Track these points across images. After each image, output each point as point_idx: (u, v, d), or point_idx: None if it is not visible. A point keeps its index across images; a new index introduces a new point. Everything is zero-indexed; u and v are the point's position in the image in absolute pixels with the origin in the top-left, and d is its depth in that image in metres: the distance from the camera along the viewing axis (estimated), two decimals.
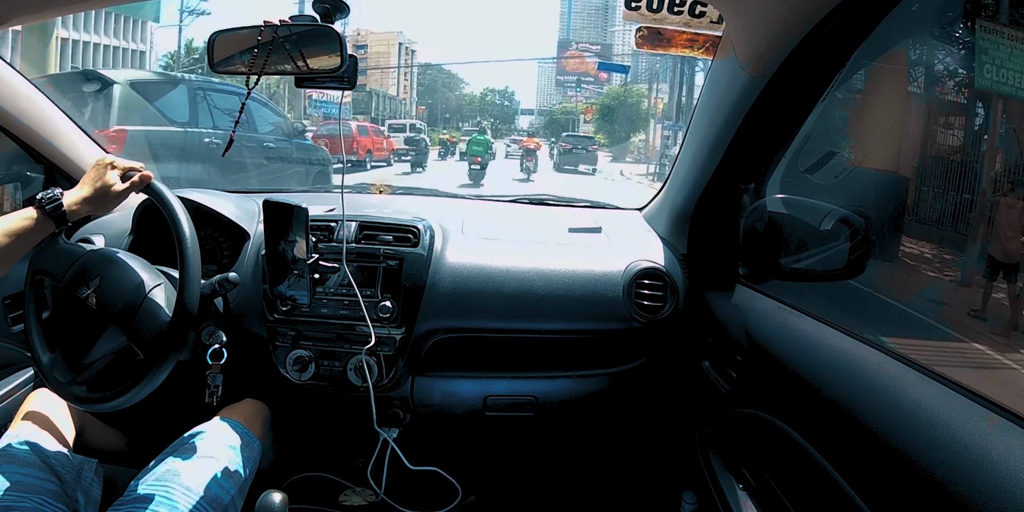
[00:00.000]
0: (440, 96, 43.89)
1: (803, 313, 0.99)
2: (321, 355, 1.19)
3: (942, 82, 1.23)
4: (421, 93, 43.09)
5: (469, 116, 45.70)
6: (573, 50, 53.88)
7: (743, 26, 0.94)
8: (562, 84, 54.60)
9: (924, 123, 1.27)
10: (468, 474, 1.39)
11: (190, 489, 0.89)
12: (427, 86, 43.79)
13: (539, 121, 51.70)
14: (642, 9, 1.07)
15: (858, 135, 1.39)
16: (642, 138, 28.24)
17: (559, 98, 55.05)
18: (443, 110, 43.93)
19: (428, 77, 44.37)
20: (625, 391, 1.28)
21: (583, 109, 43.18)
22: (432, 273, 1.20)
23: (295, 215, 1.02)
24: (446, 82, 45.44)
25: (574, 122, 42.51)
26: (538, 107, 61.14)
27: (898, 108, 1.30)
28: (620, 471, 1.51)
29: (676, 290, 1.23)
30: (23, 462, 0.88)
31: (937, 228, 1.21)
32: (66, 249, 1.00)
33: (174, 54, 25.38)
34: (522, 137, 18.90)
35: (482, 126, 16.17)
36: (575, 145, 14.86)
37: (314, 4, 0.94)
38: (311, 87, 1.01)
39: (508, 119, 50.77)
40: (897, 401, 0.69)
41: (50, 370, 0.95)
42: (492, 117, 47.92)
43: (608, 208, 1.63)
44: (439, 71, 45.60)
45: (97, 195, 0.94)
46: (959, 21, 1.05)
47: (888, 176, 1.26)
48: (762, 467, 0.98)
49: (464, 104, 46.64)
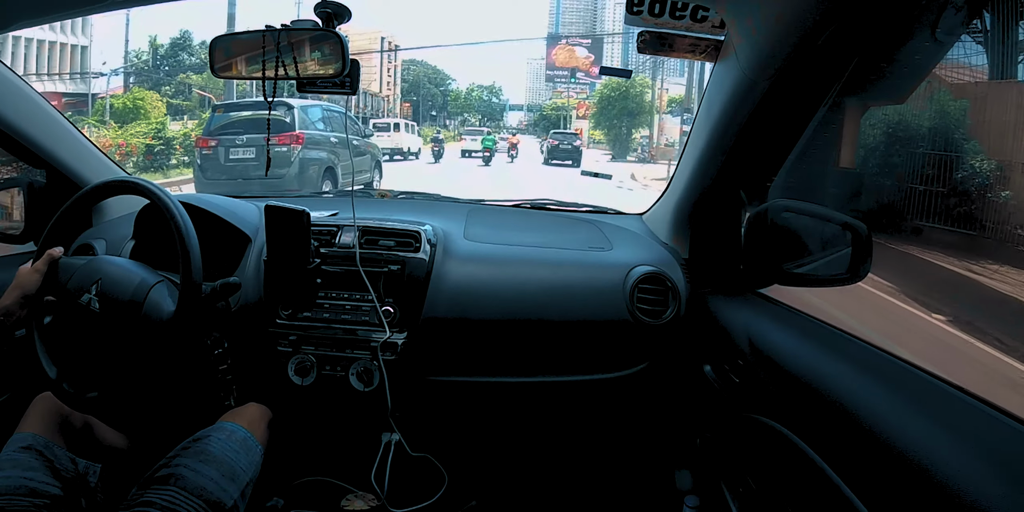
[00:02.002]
0: (425, 92, 41.91)
1: (805, 317, 0.98)
2: (323, 360, 1.19)
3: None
4: (406, 90, 40.96)
5: (455, 113, 44.04)
6: (563, 45, 51.76)
7: (745, 30, 0.94)
8: (552, 79, 51.98)
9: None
10: (470, 477, 1.39)
11: (193, 493, 0.89)
12: (412, 82, 41.34)
13: (528, 118, 49.92)
14: (644, 14, 1.06)
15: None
16: (644, 134, 26.10)
17: (549, 94, 52.75)
18: (429, 107, 42.01)
19: (412, 73, 41.87)
20: (627, 395, 1.28)
21: (574, 104, 41.46)
22: (434, 278, 1.20)
23: (297, 220, 1.02)
24: (432, 78, 43.24)
25: (565, 118, 40.64)
26: (527, 103, 59.32)
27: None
28: (622, 475, 1.51)
29: (678, 294, 1.23)
30: (27, 466, 0.89)
31: None
32: (62, 264, 1.00)
33: (139, 52, 23.80)
34: (509, 134, 25.25)
35: (486, 133, 20.04)
36: (561, 141, 17.23)
37: (316, 9, 0.94)
38: (313, 91, 1.01)
39: (495, 116, 48.45)
40: (901, 406, 0.69)
41: (60, 384, 0.95)
42: (479, 114, 46.04)
43: (610, 213, 1.62)
44: (424, 67, 43.17)
45: (20, 299, 0.95)
46: (963, 23, 1.04)
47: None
48: (764, 472, 0.97)
49: (450, 100, 44.28)
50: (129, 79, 22.24)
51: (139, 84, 21.47)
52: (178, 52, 25.19)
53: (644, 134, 26.08)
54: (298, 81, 0.97)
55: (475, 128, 27.75)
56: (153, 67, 24.06)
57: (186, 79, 23.36)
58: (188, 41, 25.17)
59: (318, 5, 0.93)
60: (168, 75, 23.90)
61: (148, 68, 23.61)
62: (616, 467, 1.51)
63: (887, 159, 1.53)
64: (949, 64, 1.19)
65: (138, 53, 23.79)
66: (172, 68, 24.60)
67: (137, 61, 23.58)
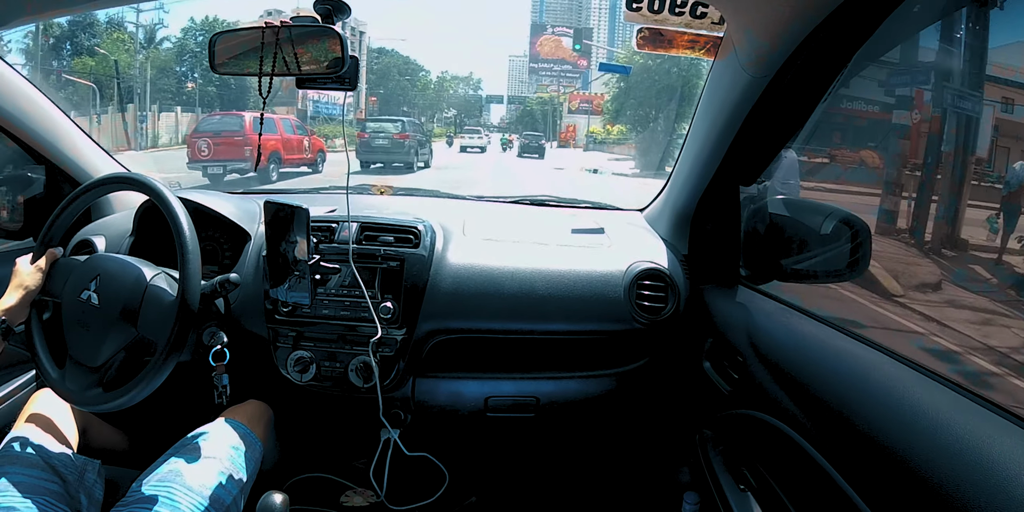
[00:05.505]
0: (395, 85, 37.29)
1: (804, 314, 0.99)
2: (322, 356, 1.19)
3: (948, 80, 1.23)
4: (373, 82, 36.25)
5: (424, 106, 39.43)
6: (548, 35, 48.30)
7: (744, 27, 0.94)
8: (536, 72, 48.69)
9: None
10: (469, 474, 1.40)
11: (192, 490, 0.89)
12: (380, 74, 36.51)
13: (510, 115, 46.54)
14: (643, 10, 1.06)
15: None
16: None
17: (533, 87, 48.89)
18: (399, 102, 37.29)
19: (382, 63, 37.07)
20: (626, 392, 1.28)
21: (565, 98, 37.24)
22: (433, 274, 1.20)
23: (296, 216, 1.02)
24: (403, 69, 38.39)
25: (554, 113, 36.70)
26: (509, 93, 55.56)
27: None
28: (621, 472, 1.51)
29: (677, 291, 1.23)
30: (26, 463, 0.89)
31: None
32: (62, 264, 1.01)
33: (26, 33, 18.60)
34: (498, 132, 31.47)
35: (505, 137, 26.03)
36: (530, 141, 23.70)
37: (315, 5, 0.94)
38: (312, 88, 1.01)
39: (473, 112, 44.06)
40: (898, 402, 0.69)
41: (62, 382, 0.95)
42: (455, 109, 42.31)
43: (609, 209, 1.62)
44: (394, 57, 38.34)
45: (25, 299, 0.96)
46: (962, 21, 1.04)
47: None
48: (763, 468, 0.98)
49: (417, 91, 39.21)
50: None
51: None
52: (77, 32, 21.91)
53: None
54: (297, 78, 0.97)
55: (473, 128, 30.61)
56: (46, 50, 20.29)
57: (80, 66, 19.90)
58: (90, 17, 21.62)
59: (318, 1, 0.93)
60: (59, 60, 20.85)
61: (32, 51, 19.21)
62: (616, 463, 1.52)
63: None
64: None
65: (26, 35, 19.14)
66: (70, 51, 21.62)
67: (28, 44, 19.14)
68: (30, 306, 0.99)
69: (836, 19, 0.82)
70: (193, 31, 24.77)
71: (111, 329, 0.93)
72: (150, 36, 23.76)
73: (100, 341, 0.93)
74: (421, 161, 14.14)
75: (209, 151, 9.28)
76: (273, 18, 0.96)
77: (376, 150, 12.95)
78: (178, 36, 24.91)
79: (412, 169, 13.45)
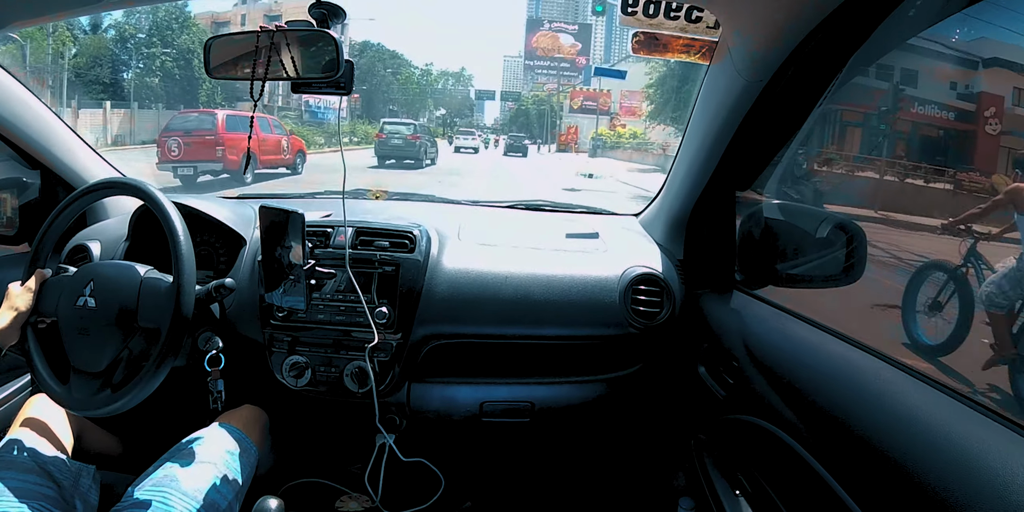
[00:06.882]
0: (380, 81, 34.70)
1: (799, 319, 0.99)
2: (317, 361, 1.19)
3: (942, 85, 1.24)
4: (358, 78, 33.18)
5: (406, 104, 36.46)
6: (545, 30, 45.75)
7: (739, 31, 0.94)
8: (532, 69, 46.02)
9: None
10: (464, 479, 1.39)
11: (188, 494, 0.88)
12: (365, 70, 33.83)
13: (504, 116, 44.15)
14: (638, 14, 1.07)
15: None
16: None
17: (529, 86, 45.81)
18: (386, 100, 34.88)
19: (367, 57, 34.43)
20: (621, 397, 1.28)
21: (565, 95, 34.60)
22: (428, 279, 1.20)
23: (291, 221, 1.02)
24: (389, 63, 35.71)
25: (551, 113, 34.36)
26: (503, 89, 51.50)
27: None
28: (616, 477, 1.51)
29: (672, 296, 1.23)
30: (21, 468, 0.88)
31: None
32: (52, 283, 0.99)
33: None
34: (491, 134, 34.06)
35: (488, 137, 29.55)
36: (515, 141, 26.27)
37: (310, 9, 0.94)
38: (307, 92, 1.01)
39: (464, 112, 41.31)
40: (893, 407, 0.69)
41: (69, 395, 0.94)
42: (446, 108, 39.47)
43: (605, 214, 1.62)
44: (380, 51, 35.58)
45: (15, 321, 0.95)
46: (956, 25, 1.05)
47: None
48: (758, 473, 0.98)
49: (400, 86, 36.29)
50: None
51: None
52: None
53: None
54: (292, 82, 0.97)
55: (466, 130, 32.11)
56: None
57: None
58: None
59: (313, 5, 0.93)
60: None
61: None
62: (611, 468, 1.51)
63: None
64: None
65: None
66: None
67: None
68: (24, 328, 0.97)
69: (831, 24, 0.82)
70: (135, 14, 20.90)
71: (111, 328, 0.93)
72: (94, 22, 20.92)
73: (102, 343, 0.93)
74: (428, 159, 16.40)
75: (180, 151, 8.76)
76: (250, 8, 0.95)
77: (392, 148, 15.40)
78: (120, 20, 21.42)
79: (421, 165, 15.58)
